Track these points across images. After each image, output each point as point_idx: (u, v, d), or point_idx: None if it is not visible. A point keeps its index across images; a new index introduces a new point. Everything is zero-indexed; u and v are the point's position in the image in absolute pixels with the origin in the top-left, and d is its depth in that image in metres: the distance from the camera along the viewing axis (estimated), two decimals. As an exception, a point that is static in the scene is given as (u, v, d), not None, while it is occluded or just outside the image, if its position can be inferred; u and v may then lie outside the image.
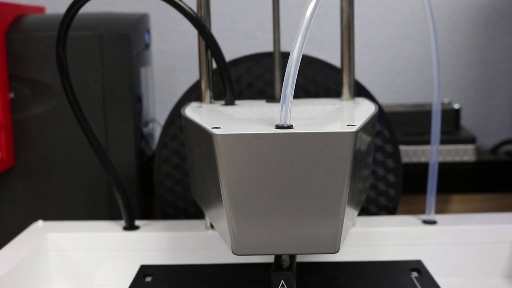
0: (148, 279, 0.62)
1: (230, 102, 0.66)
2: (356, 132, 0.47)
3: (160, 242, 0.69)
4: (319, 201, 0.48)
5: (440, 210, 0.72)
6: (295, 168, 0.47)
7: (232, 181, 0.48)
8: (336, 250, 0.49)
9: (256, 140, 0.47)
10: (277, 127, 0.48)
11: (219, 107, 0.63)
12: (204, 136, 0.50)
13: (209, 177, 0.52)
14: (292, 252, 0.50)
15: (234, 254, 0.49)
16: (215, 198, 0.51)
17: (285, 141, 0.47)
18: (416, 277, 0.60)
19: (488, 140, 1.07)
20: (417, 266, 0.62)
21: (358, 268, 0.63)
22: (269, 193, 0.48)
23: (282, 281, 0.52)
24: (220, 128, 0.48)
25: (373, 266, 0.64)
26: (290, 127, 0.48)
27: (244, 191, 0.48)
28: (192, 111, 0.60)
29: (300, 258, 0.67)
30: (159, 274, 0.63)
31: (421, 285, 0.58)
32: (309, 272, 0.61)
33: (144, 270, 0.64)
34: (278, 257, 0.54)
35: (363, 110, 0.60)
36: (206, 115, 0.59)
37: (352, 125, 0.48)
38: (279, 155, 0.47)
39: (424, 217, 0.72)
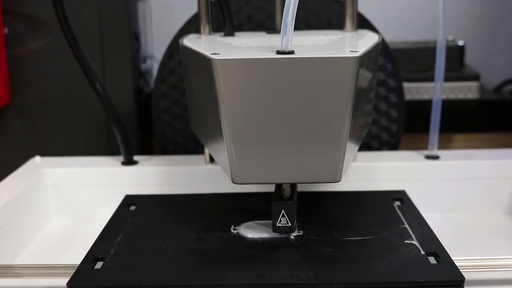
0: (133, 207, 0.61)
1: (229, 34, 0.64)
2: (360, 57, 0.45)
3: (159, 177, 0.68)
4: (321, 129, 0.46)
5: (442, 149, 0.71)
6: (297, 94, 0.46)
7: (232, 108, 0.46)
8: (337, 179, 0.48)
9: (256, 66, 0.45)
10: (278, 52, 0.47)
11: (218, 38, 0.62)
12: (203, 63, 0.48)
13: (208, 107, 0.51)
14: (293, 181, 0.49)
15: (234, 183, 0.48)
16: (215, 128, 0.50)
17: (286, 66, 0.45)
18: (398, 206, 0.60)
19: (491, 80, 1.05)
20: (401, 196, 0.62)
21: (340, 197, 0.63)
22: (270, 121, 0.46)
23: (283, 210, 0.52)
24: (219, 54, 0.47)
25: (356, 196, 0.64)
26: (291, 52, 0.47)
27: (244, 118, 0.47)
28: (191, 41, 0.59)
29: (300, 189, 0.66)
30: (143, 203, 0.62)
31: (403, 214, 0.58)
32: None
33: (129, 200, 0.63)
34: (278, 187, 0.53)
35: (366, 40, 0.58)
36: (205, 44, 0.57)
37: (355, 51, 0.47)
38: (280, 81, 0.46)
39: (427, 152, 0.71)
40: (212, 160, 0.69)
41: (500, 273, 0.53)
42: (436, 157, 0.70)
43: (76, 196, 0.69)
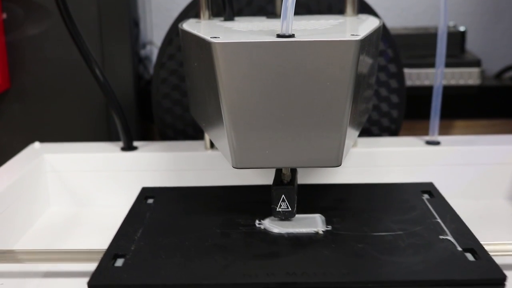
0: (150, 201, 0.60)
1: (229, 18, 0.63)
2: (360, 41, 0.45)
3: (159, 163, 0.68)
4: (321, 113, 0.46)
5: (443, 135, 0.71)
6: (297, 78, 0.45)
7: (232, 92, 0.46)
8: (338, 164, 0.48)
9: (256, 49, 0.45)
10: (278, 36, 0.46)
11: (218, 22, 0.61)
12: (202, 47, 0.48)
13: (208, 92, 0.50)
14: (293, 165, 0.49)
15: (234, 167, 0.48)
16: (215, 112, 0.49)
17: (286, 50, 0.45)
18: (427, 199, 0.59)
19: (492, 66, 1.04)
20: (429, 188, 0.61)
21: (366, 190, 0.62)
22: (270, 105, 0.46)
23: (283, 195, 0.51)
24: (219, 37, 0.47)
25: (383, 188, 0.62)
26: (292, 36, 0.46)
27: (244, 102, 0.46)
28: (191, 26, 0.58)
29: (305, 180, 0.66)
30: (161, 196, 0.61)
31: (433, 207, 0.56)
32: (315, 194, 0.60)
33: (146, 192, 0.62)
34: (279, 172, 0.53)
35: (367, 24, 0.58)
36: (205, 28, 0.57)
37: (356, 35, 0.46)
38: (280, 65, 0.45)
39: (428, 138, 0.70)
40: (212, 145, 0.68)
41: (501, 258, 0.53)
42: (436, 143, 0.70)
43: (75, 182, 0.69)
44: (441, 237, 0.50)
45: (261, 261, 0.47)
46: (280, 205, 0.52)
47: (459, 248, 0.48)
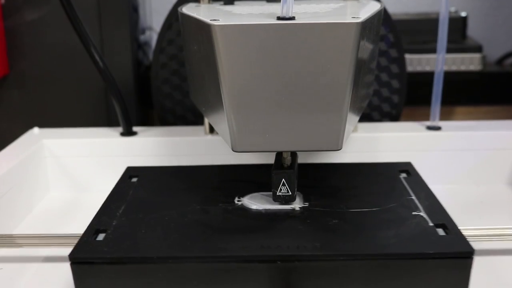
0: (134, 179, 0.60)
1: (229, 2, 0.63)
2: (361, 23, 0.45)
3: (159, 148, 0.68)
4: (322, 96, 0.46)
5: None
6: (297, 61, 0.45)
7: (232, 75, 0.46)
8: (338, 147, 0.47)
9: (257, 32, 0.45)
10: (279, 19, 0.46)
11: (217, 6, 0.61)
12: (202, 30, 0.48)
13: (208, 75, 0.50)
14: (293, 149, 0.49)
15: (234, 151, 0.48)
16: (214, 96, 0.49)
17: (287, 33, 0.44)
18: (404, 178, 0.59)
19: (494, 52, 1.04)
20: (407, 168, 0.61)
21: (345, 169, 0.62)
22: (270, 88, 0.46)
23: (283, 179, 0.51)
24: (218, 20, 0.46)
25: (362, 167, 0.63)
26: (292, 18, 0.46)
27: (244, 85, 0.46)
28: (190, 9, 0.58)
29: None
30: (145, 175, 0.61)
31: (409, 185, 0.57)
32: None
33: (130, 171, 0.62)
34: (279, 156, 0.53)
35: (368, 8, 0.57)
36: (205, 11, 0.56)
37: (357, 17, 0.46)
38: (280, 48, 0.45)
39: (429, 123, 0.70)
40: (211, 131, 0.68)
41: (501, 243, 0.53)
42: (437, 128, 0.69)
43: (74, 167, 0.69)
44: (414, 213, 0.51)
45: (237, 235, 0.48)
46: (280, 189, 0.51)
47: (431, 224, 0.49)
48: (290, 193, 0.51)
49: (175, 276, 0.45)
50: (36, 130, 0.72)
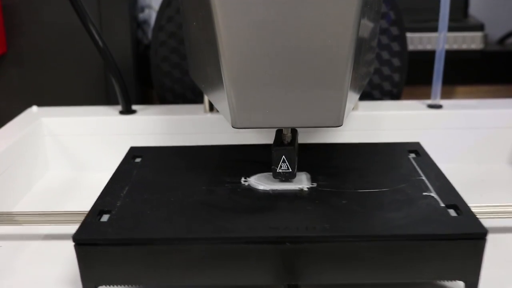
0: (138, 160, 0.59)
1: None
2: (362, -3, 0.44)
3: (158, 126, 0.67)
4: (323, 71, 0.45)
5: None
6: (298, 35, 0.44)
7: (231, 50, 0.45)
8: (339, 124, 0.47)
9: (256, 4, 0.44)
10: (279, -7, 0.45)
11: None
12: (201, 3, 0.47)
13: (207, 51, 0.49)
14: (294, 125, 0.48)
15: (234, 127, 0.47)
16: (214, 72, 0.48)
17: (287, 5, 0.44)
18: (414, 158, 0.59)
19: (495, 32, 1.03)
20: (416, 148, 0.61)
21: (353, 149, 0.61)
22: (270, 63, 0.45)
23: (283, 156, 0.51)
24: (218, -6, 0.45)
25: (370, 148, 0.61)
26: (292, -8, 0.45)
27: (244, 61, 0.45)
28: (189, -16, 0.57)
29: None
30: (149, 155, 0.60)
31: (419, 165, 0.56)
32: (302, 153, 0.59)
33: (134, 152, 0.61)
34: (279, 133, 0.52)
35: (370, -17, 0.56)
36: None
37: (357, -8, 0.45)
38: (280, 21, 0.44)
39: (430, 101, 0.70)
40: (211, 109, 0.68)
41: (502, 220, 0.52)
42: (438, 106, 0.69)
43: (73, 145, 0.68)
44: (424, 193, 0.50)
45: (245, 216, 0.47)
46: (281, 166, 0.51)
47: (442, 204, 0.48)
48: (290, 170, 0.51)
49: (180, 258, 0.44)
50: (34, 108, 0.71)
